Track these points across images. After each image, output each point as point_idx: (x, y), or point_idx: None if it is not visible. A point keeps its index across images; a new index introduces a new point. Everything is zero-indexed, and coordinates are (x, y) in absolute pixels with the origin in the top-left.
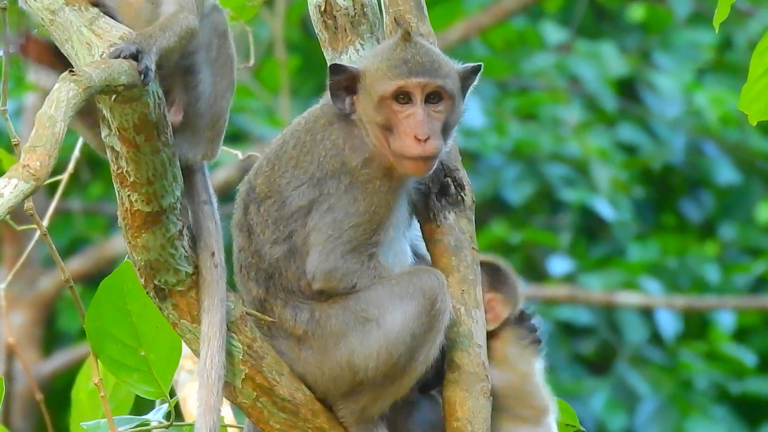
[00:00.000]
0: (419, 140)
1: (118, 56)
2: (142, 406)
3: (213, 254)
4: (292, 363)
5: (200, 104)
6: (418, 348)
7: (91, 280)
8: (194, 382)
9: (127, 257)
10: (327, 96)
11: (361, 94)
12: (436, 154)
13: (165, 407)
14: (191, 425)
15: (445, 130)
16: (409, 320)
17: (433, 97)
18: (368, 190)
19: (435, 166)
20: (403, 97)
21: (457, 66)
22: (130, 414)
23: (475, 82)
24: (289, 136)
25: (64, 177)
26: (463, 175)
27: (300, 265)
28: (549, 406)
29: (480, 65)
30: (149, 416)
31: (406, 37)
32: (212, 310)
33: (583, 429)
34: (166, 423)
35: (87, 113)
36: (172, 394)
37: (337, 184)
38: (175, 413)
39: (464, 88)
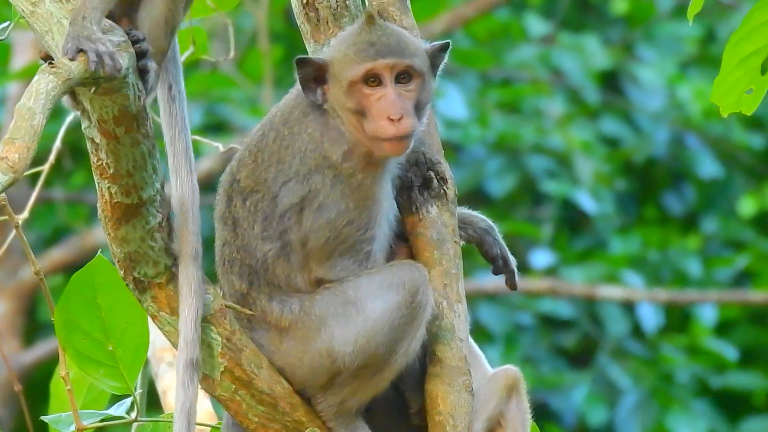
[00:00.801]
0: (393, 120)
1: (72, 59)
2: (120, 400)
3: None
4: (272, 356)
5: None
6: (398, 340)
7: (74, 269)
8: (173, 375)
9: (100, 251)
10: (299, 85)
11: (330, 83)
12: (412, 132)
13: (129, 401)
14: (159, 421)
15: (418, 109)
16: (388, 310)
17: (403, 76)
18: (354, 184)
19: (412, 145)
20: (372, 79)
21: (425, 45)
22: (109, 408)
23: (445, 60)
24: (268, 128)
25: (46, 167)
26: (445, 168)
27: (294, 263)
28: None
29: (448, 42)
30: (112, 410)
31: (370, 20)
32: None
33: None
34: (129, 418)
35: None
36: (151, 387)
37: (323, 178)
38: (152, 406)
39: (434, 67)
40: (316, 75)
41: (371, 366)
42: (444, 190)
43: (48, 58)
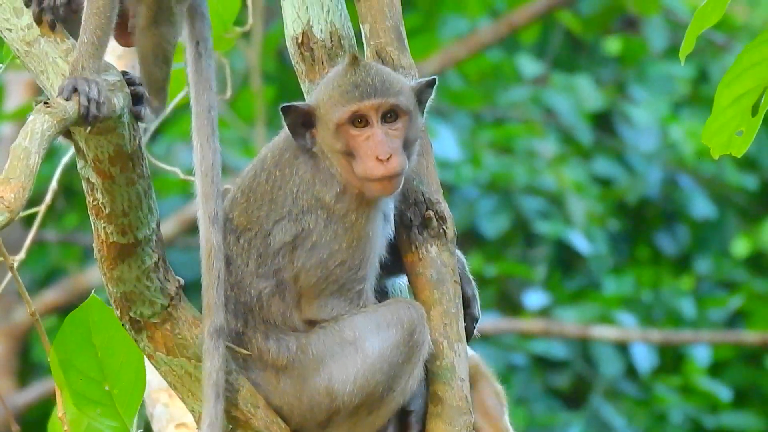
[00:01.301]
0: (381, 160)
1: (67, 99)
2: None
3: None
4: (269, 395)
5: None
6: (395, 378)
7: (67, 311)
8: (170, 418)
9: (94, 291)
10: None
11: (318, 126)
12: (401, 170)
13: None
14: None
15: (407, 146)
16: (386, 349)
17: (389, 115)
18: (347, 224)
19: (402, 184)
20: (359, 120)
21: (411, 82)
22: None
23: (432, 95)
24: (260, 168)
25: (42, 208)
26: (444, 207)
27: (289, 301)
28: None
29: (434, 79)
30: None
31: (354, 61)
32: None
33: None
34: None
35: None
36: (147, 429)
37: (316, 218)
38: None
39: (421, 103)
40: (303, 119)
41: (369, 404)
42: (443, 229)
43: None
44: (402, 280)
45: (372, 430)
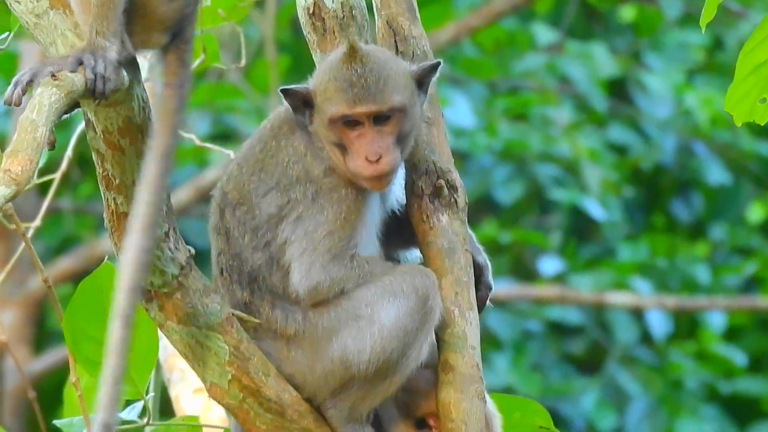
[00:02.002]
0: (371, 161)
1: (72, 71)
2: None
3: None
4: (280, 364)
5: None
6: (410, 345)
7: (81, 279)
8: (187, 383)
9: (107, 258)
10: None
11: (315, 112)
12: (390, 170)
13: (140, 405)
14: (170, 425)
15: (401, 140)
16: (402, 316)
17: (382, 118)
18: (334, 198)
19: (394, 179)
20: (351, 121)
21: (412, 68)
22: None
23: (435, 78)
24: (256, 140)
25: (56, 177)
26: (455, 176)
27: (283, 274)
28: None
29: (438, 62)
30: (123, 414)
31: (352, 53)
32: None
33: (555, 431)
34: (141, 422)
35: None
36: (164, 394)
37: (304, 191)
38: (164, 411)
39: (423, 84)
40: (303, 100)
41: (384, 371)
42: (454, 198)
43: None
44: (415, 254)
45: (385, 396)
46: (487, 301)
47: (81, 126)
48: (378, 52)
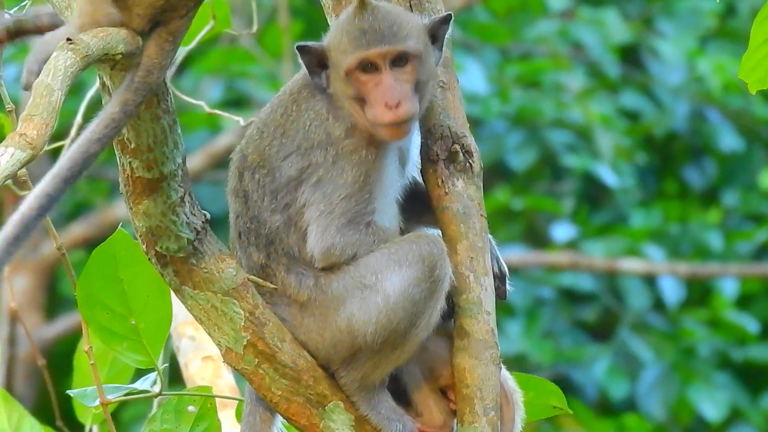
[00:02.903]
0: (390, 107)
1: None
2: (144, 375)
3: None
4: (294, 330)
5: None
6: (418, 314)
7: (94, 245)
8: (196, 351)
9: (121, 225)
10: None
11: (331, 69)
12: (410, 116)
13: (153, 375)
14: (183, 395)
15: (418, 88)
16: (408, 286)
17: (399, 60)
18: (354, 160)
19: (413, 128)
20: (368, 66)
21: (424, 20)
22: (133, 382)
23: (449, 32)
24: (276, 104)
25: (67, 143)
26: (471, 141)
27: (300, 236)
28: None
29: (449, 15)
30: (137, 384)
31: (362, 4)
32: None
33: (570, 411)
34: (153, 392)
35: None
36: (173, 362)
37: (324, 154)
38: (174, 379)
39: (437, 39)
40: (318, 60)
41: (392, 341)
42: (470, 163)
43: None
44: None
45: (397, 365)
46: (507, 289)
47: (92, 91)
48: (389, 5)
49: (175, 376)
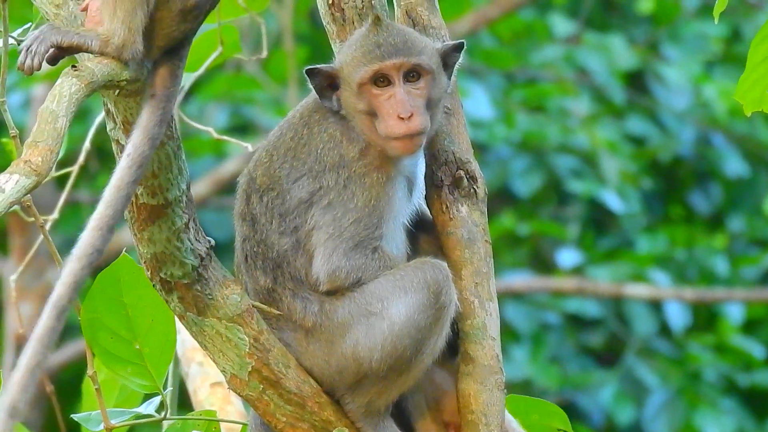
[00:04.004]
0: (403, 119)
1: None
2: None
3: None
4: (300, 356)
5: None
6: (423, 341)
7: (100, 270)
8: (205, 376)
9: (125, 250)
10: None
11: (342, 88)
12: (423, 129)
13: (158, 399)
14: (188, 419)
15: (430, 106)
16: (413, 313)
17: (412, 75)
18: (366, 183)
19: (424, 143)
20: (381, 80)
21: (437, 44)
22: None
23: (460, 59)
24: (286, 128)
25: (75, 169)
26: (475, 167)
27: (307, 259)
28: None
29: (462, 42)
30: (141, 409)
31: (377, 21)
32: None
33: None
34: (158, 417)
35: None
36: (182, 387)
37: (336, 178)
38: (182, 405)
39: (448, 66)
40: (329, 82)
41: (398, 367)
42: (474, 189)
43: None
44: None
45: (402, 391)
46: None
47: (99, 117)
48: (402, 25)
49: (183, 402)
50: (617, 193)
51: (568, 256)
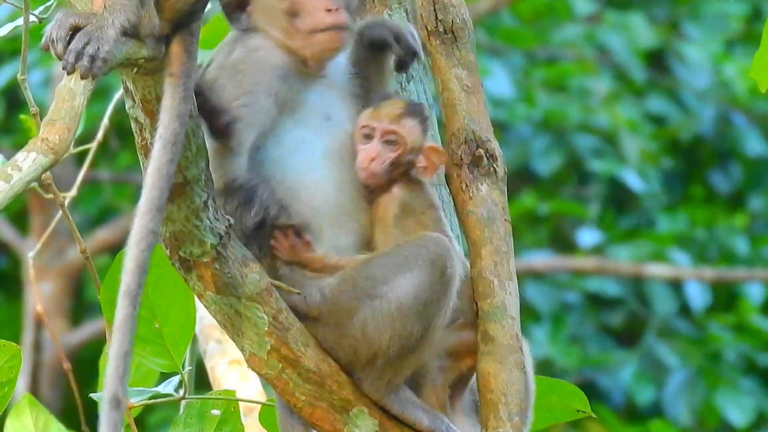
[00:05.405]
0: (330, 10)
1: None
2: (168, 378)
3: None
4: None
5: None
6: (432, 315)
7: (120, 249)
8: (223, 354)
9: None
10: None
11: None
12: (348, 25)
13: (177, 379)
14: (206, 399)
15: (350, 11)
16: (420, 291)
17: None
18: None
19: (347, 41)
20: None
21: None
22: (157, 386)
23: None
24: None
25: (93, 146)
26: (495, 146)
27: None
28: None
29: None
30: (160, 388)
31: None
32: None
33: (594, 416)
34: (177, 396)
35: None
36: (200, 365)
37: None
38: (201, 383)
39: None
40: (238, 2)
41: (410, 345)
42: (494, 168)
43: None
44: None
45: (417, 364)
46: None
47: (118, 95)
48: None
49: (202, 380)
50: (637, 172)
51: (588, 236)
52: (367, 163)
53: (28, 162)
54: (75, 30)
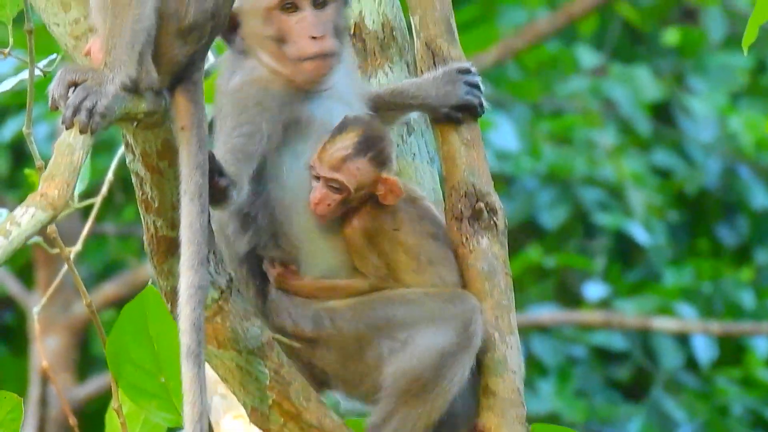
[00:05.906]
0: (315, 38)
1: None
2: None
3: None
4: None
5: None
6: (450, 370)
7: (125, 304)
8: (228, 408)
9: (151, 282)
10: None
11: (245, 22)
12: (335, 51)
13: None
14: None
15: (337, 34)
16: (440, 342)
17: (319, 2)
18: None
19: (333, 68)
20: (289, 6)
21: None
22: None
23: None
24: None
25: (98, 200)
26: (495, 199)
27: None
28: None
29: None
30: None
31: None
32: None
33: None
34: None
35: None
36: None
37: None
38: None
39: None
40: (232, 24)
41: (423, 397)
42: (494, 221)
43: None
44: None
45: (428, 421)
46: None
47: (122, 149)
48: None
49: None
50: (644, 225)
51: (594, 289)
52: (314, 206)
53: (26, 217)
54: (74, 85)
